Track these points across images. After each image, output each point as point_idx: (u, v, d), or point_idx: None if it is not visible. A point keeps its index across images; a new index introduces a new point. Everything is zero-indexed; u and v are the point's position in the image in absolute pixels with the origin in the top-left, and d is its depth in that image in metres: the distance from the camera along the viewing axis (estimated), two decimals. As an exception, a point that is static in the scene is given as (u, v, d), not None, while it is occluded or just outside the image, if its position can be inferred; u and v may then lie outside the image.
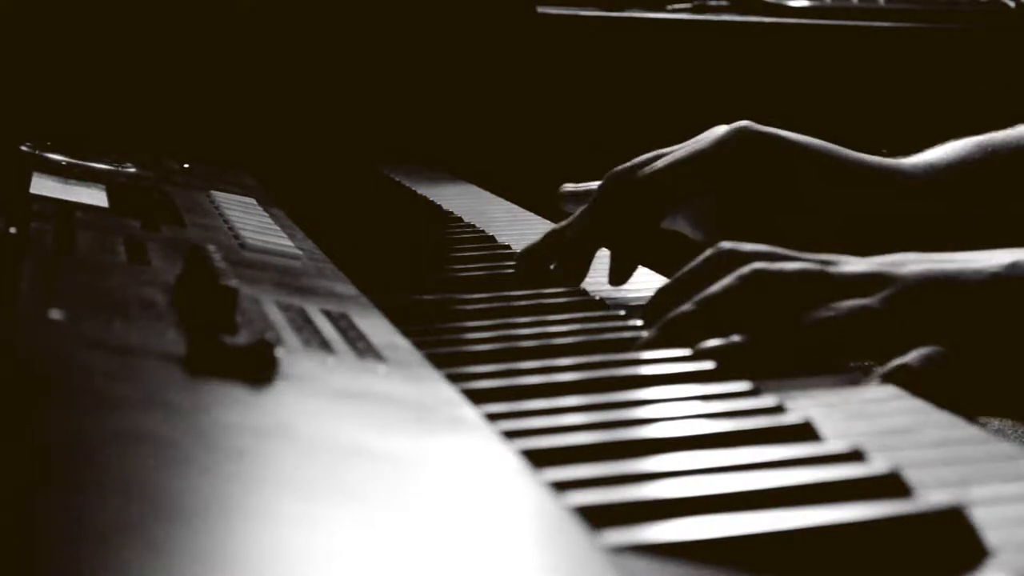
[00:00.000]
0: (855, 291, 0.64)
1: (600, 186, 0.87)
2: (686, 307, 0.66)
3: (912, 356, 0.60)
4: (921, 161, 0.88)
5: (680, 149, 0.87)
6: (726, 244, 0.69)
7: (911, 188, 0.86)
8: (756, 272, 0.66)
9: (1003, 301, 0.63)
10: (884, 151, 0.90)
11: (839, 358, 0.63)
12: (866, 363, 0.64)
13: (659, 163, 0.86)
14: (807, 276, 0.65)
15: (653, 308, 0.70)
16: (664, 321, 0.66)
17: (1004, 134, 0.90)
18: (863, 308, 0.63)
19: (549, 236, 0.87)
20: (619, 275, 0.84)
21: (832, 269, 0.66)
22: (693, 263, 0.70)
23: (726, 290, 0.66)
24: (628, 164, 0.88)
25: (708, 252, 0.70)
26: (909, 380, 0.59)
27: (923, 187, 0.86)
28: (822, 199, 0.85)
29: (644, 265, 0.86)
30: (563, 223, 0.88)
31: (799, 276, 0.65)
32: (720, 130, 0.87)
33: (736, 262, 0.67)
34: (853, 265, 0.66)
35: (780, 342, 0.63)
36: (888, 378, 0.59)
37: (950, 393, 0.59)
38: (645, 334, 0.67)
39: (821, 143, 0.88)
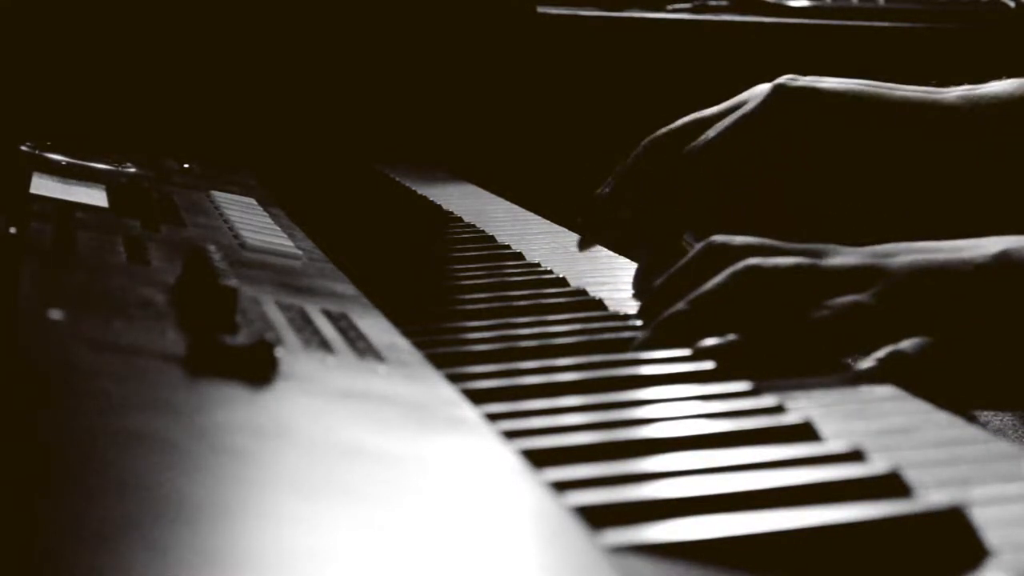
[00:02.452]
0: (846, 285, 0.65)
1: (641, 152, 0.87)
2: (680, 306, 0.66)
3: (905, 344, 0.61)
4: (976, 94, 0.88)
5: (720, 114, 0.87)
6: (717, 239, 0.69)
7: (967, 125, 0.86)
8: (749, 268, 0.66)
9: (991, 291, 0.63)
10: (934, 82, 0.90)
11: (834, 354, 0.63)
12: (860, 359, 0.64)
13: (710, 133, 0.85)
14: (799, 271, 0.65)
15: (648, 307, 0.70)
16: (658, 321, 0.66)
17: None
18: (856, 304, 0.63)
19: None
20: (634, 239, 0.84)
21: (824, 262, 0.66)
22: (685, 259, 0.70)
23: (719, 288, 0.66)
24: (667, 131, 0.87)
25: (699, 248, 0.70)
26: (901, 366, 0.59)
27: (979, 123, 0.86)
28: (871, 145, 0.85)
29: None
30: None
31: (791, 271, 0.65)
32: (761, 90, 0.87)
33: (728, 257, 0.67)
34: (844, 257, 0.66)
35: (776, 340, 0.63)
36: (881, 364, 0.59)
37: (941, 383, 0.59)
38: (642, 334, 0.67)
39: (863, 85, 0.87)
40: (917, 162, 0.85)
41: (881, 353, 0.60)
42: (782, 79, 0.86)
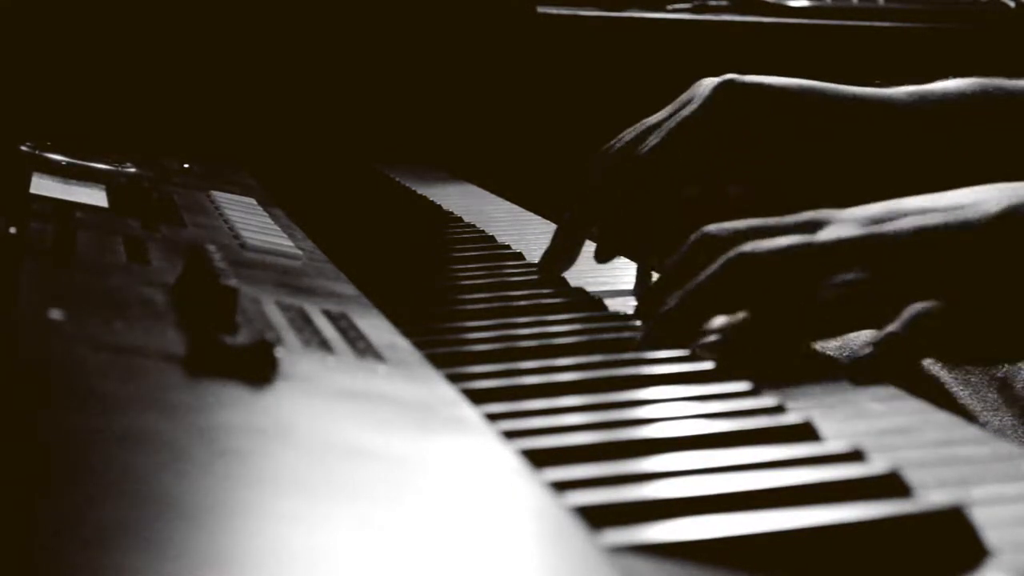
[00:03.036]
0: (844, 260, 0.63)
1: (590, 170, 0.87)
2: (675, 301, 0.65)
3: (898, 323, 0.59)
4: (916, 91, 0.88)
5: (665, 118, 0.87)
6: (709, 228, 0.68)
7: (905, 119, 0.86)
8: (742, 256, 0.64)
9: (997, 251, 0.61)
10: (877, 82, 0.90)
11: (841, 333, 0.62)
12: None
13: (653, 139, 0.85)
14: (793, 253, 0.64)
15: (645, 305, 0.69)
16: (655, 318, 0.66)
17: (1010, 81, 0.90)
18: (857, 282, 0.61)
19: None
20: (605, 254, 0.84)
21: (818, 239, 0.64)
22: (677, 254, 0.69)
23: (713, 279, 0.64)
24: (613, 144, 0.87)
25: (690, 239, 0.68)
26: (899, 347, 0.58)
27: (918, 117, 0.86)
28: (816, 138, 0.85)
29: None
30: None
31: (784, 254, 0.64)
32: (705, 87, 0.87)
33: (719, 247, 0.66)
34: (839, 229, 0.64)
35: (778, 327, 0.62)
36: (870, 355, 0.58)
37: (940, 345, 0.58)
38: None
39: (807, 83, 0.87)
40: (861, 155, 0.85)
41: (875, 340, 0.59)
42: (726, 77, 0.86)
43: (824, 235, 0.64)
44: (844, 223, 0.65)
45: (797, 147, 0.85)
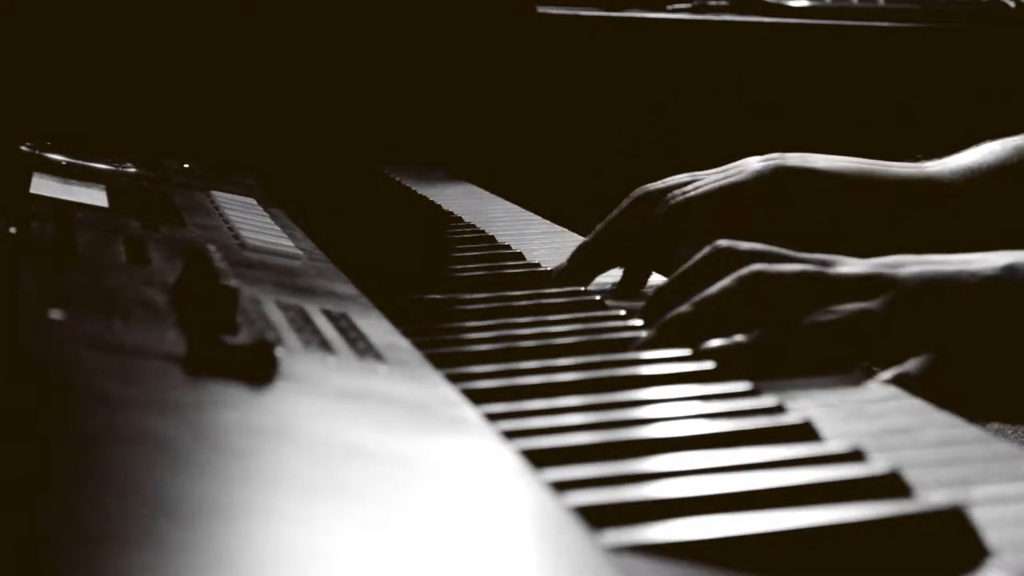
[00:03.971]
0: (853, 293, 0.64)
1: (629, 199, 0.87)
2: (685, 308, 0.66)
3: (911, 364, 0.61)
4: (959, 167, 0.88)
5: (714, 177, 0.87)
6: (723, 243, 0.69)
7: (953, 198, 0.86)
8: (755, 274, 0.66)
9: (998, 304, 0.63)
10: (919, 156, 0.90)
11: (838, 360, 0.63)
12: (868, 365, 0.64)
13: (693, 190, 0.85)
14: (805, 277, 0.65)
15: (652, 307, 0.70)
16: (663, 322, 0.66)
17: None
18: (863, 311, 0.63)
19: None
20: (631, 287, 0.84)
21: (830, 271, 0.66)
22: (691, 262, 0.70)
23: (724, 291, 0.66)
24: (659, 184, 0.88)
25: (706, 251, 0.70)
26: (909, 387, 0.59)
27: (964, 195, 0.87)
28: (865, 226, 0.86)
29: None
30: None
31: (797, 278, 0.65)
32: (755, 164, 0.87)
33: (734, 262, 0.67)
34: (851, 267, 0.66)
35: (780, 343, 0.63)
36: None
37: (948, 398, 0.59)
38: (645, 334, 0.67)
39: (855, 165, 0.87)
40: (909, 238, 0.85)
41: (887, 375, 0.61)
42: (775, 158, 0.86)
43: (836, 269, 0.66)
44: (856, 263, 0.67)
45: (843, 231, 0.85)
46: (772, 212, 0.85)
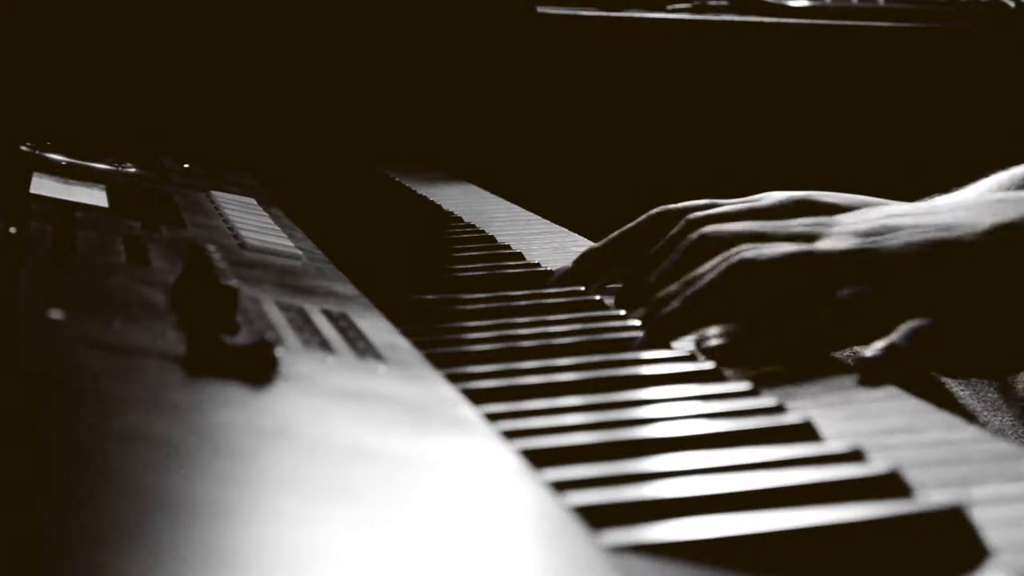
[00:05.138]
0: (842, 272, 0.64)
1: (646, 216, 0.87)
2: (675, 304, 0.66)
3: (897, 335, 0.61)
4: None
5: (736, 202, 0.86)
6: (708, 229, 0.70)
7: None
8: (742, 263, 0.66)
9: (987, 266, 0.63)
10: (932, 196, 0.90)
11: (838, 348, 0.63)
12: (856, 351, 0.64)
13: (715, 210, 0.84)
14: (793, 262, 0.65)
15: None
16: (656, 320, 0.67)
17: None
18: (856, 298, 0.63)
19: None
20: (626, 303, 0.84)
21: (818, 248, 0.66)
22: (676, 253, 0.70)
23: (714, 285, 0.66)
24: (678, 206, 0.87)
25: (690, 239, 0.70)
26: (898, 358, 0.59)
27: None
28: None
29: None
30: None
31: (785, 263, 0.65)
32: (776, 197, 0.86)
33: (717, 249, 0.67)
34: (838, 240, 0.66)
35: (777, 336, 0.63)
36: (876, 359, 0.59)
37: (939, 361, 0.59)
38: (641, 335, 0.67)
39: (875, 206, 0.87)
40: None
41: (878, 346, 0.60)
42: (799, 195, 0.85)
43: (822, 245, 0.66)
44: (841, 235, 0.67)
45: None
46: None
